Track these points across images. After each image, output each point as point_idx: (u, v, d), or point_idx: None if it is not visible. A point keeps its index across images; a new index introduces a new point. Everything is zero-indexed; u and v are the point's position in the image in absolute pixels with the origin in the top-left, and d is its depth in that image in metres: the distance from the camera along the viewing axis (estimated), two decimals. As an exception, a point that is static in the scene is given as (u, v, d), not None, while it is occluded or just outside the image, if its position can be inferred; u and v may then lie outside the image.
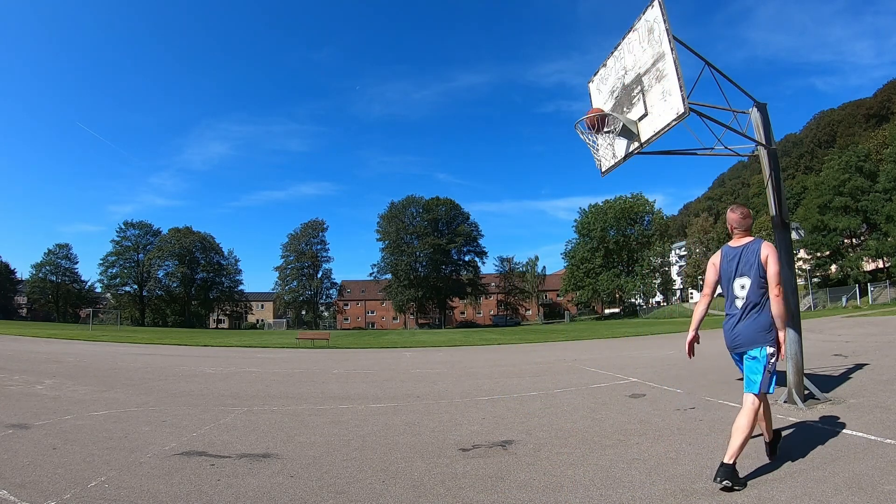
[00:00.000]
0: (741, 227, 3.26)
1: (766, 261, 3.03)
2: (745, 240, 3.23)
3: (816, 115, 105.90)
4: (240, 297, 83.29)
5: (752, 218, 3.40)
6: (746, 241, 3.21)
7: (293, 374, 10.01)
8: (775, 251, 3.08)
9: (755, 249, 3.10)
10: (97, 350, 16.64)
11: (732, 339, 3.14)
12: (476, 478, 3.16)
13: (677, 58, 4.95)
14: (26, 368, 9.97)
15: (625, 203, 66.95)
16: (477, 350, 17.52)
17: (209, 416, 5.29)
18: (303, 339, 23.41)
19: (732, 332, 3.14)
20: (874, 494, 2.55)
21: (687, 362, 9.79)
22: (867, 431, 3.74)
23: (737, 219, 3.27)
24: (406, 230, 74.20)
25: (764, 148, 5.60)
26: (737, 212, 3.29)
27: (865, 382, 5.86)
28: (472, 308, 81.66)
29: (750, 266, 3.09)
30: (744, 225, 3.26)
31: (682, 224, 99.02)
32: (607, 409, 5.29)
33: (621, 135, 6.05)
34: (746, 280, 3.09)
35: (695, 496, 2.69)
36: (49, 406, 5.73)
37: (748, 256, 3.11)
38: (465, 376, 9.12)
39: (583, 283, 67.38)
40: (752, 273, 3.07)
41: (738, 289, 3.14)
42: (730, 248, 3.27)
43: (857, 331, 13.85)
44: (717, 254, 3.36)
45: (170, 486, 3.03)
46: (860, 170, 45.24)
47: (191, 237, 76.94)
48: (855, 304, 36.59)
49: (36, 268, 75.09)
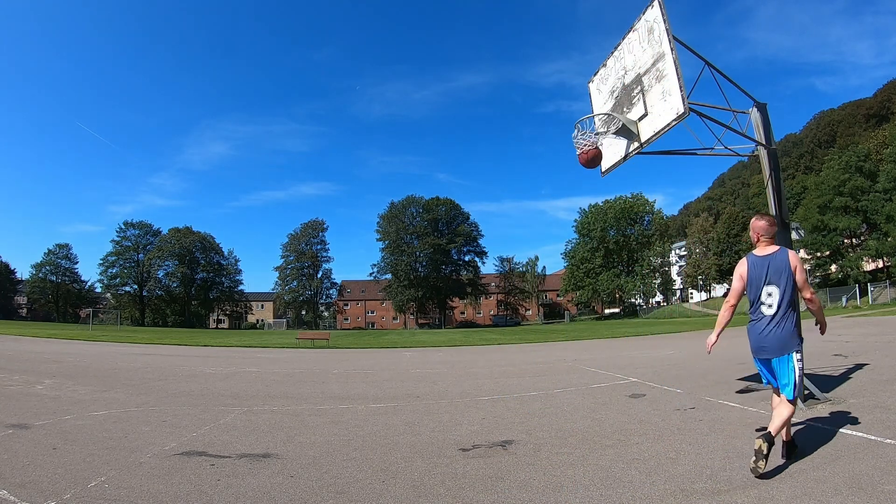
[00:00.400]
0: (768, 234, 3.35)
1: (795, 269, 3.20)
2: (771, 248, 3.32)
3: (816, 115, 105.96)
4: (240, 297, 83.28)
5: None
6: (773, 250, 3.30)
7: (293, 374, 10.01)
8: (799, 259, 3.28)
9: (784, 259, 3.23)
10: (97, 350, 16.64)
11: (759, 344, 3.29)
12: (476, 478, 3.16)
13: (677, 58, 4.95)
14: (26, 368, 9.97)
15: (625, 203, 66.94)
16: (477, 350, 17.51)
17: (209, 416, 5.29)
18: (303, 339, 23.41)
19: (759, 337, 3.28)
20: (874, 494, 2.55)
21: (687, 362, 9.80)
22: (867, 431, 3.74)
23: (765, 226, 3.36)
24: (406, 230, 74.19)
25: (764, 148, 5.60)
26: (764, 220, 3.38)
27: (865, 382, 5.86)
28: (472, 308, 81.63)
29: (780, 275, 3.20)
30: (770, 233, 3.36)
31: (682, 224, 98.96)
32: (607, 409, 5.29)
33: (621, 135, 6.05)
34: (775, 288, 3.21)
35: (695, 496, 2.69)
36: (49, 406, 5.73)
37: (777, 265, 3.23)
38: (465, 376, 9.12)
39: (583, 283, 67.38)
40: (781, 282, 3.19)
41: (765, 296, 3.25)
42: (756, 257, 3.35)
43: (857, 331, 13.84)
44: (743, 263, 3.42)
45: (170, 486, 3.03)
46: (860, 170, 45.23)
47: (191, 237, 76.93)
48: (855, 304, 36.60)
49: (36, 268, 75.15)
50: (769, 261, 3.26)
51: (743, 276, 3.37)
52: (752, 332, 3.33)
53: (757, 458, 2.86)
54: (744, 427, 4.16)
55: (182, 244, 75.08)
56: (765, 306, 3.24)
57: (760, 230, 3.36)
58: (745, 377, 6.89)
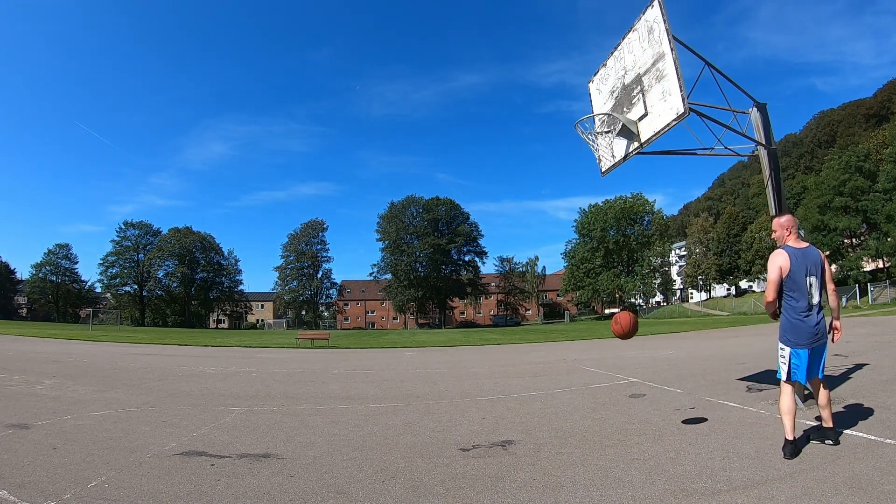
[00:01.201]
0: (797, 227, 3.60)
1: (825, 264, 3.48)
2: (802, 243, 3.51)
3: (816, 115, 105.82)
4: (240, 297, 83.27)
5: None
6: (804, 244, 3.50)
7: (293, 374, 10.01)
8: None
9: (817, 253, 3.47)
10: (97, 350, 16.64)
11: (815, 333, 3.37)
12: (476, 478, 3.16)
13: (677, 58, 4.95)
14: (26, 368, 9.97)
15: (625, 203, 66.91)
16: (477, 350, 17.51)
17: (209, 416, 5.29)
18: (303, 339, 23.41)
19: (816, 327, 3.37)
20: (874, 494, 2.55)
21: (687, 362, 9.80)
22: (867, 431, 3.74)
23: (792, 220, 3.58)
24: (406, 230, 74.18)
25: (764, 148, 5.59)
26: (785, 216, 3.62)
27: (865, 382, 5.86)
28: (472, 308, 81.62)
29: (817, 268, 3.40)
30: (797, 226, 3.62)
31: (682, 224, 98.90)
32: (607, 409, 5.29)
33: (621, 135, 6.05)
34: (815, 279, 3.38)
35: (695, 496, 2.69)
36: (49, 406, 5.73)
37: (813, 258, 3.42)
38: (465, 376, 9.12)
39: (583, 283, 67.36)
40: (818, 274, 3.40)
41: (810, 286, 3.39)
42: (794, 249, 3.46)
43: (857, 331, 13.84)
44: (782, 254, 3.46)
45: (170, 486, 3.03)
46: (860, 170, 45.22)
47: (191, 237, 76.92)
48: (855, 304, 36.58)
49: (36, 268, 75.10)
50: (805, 253, 3.42)
51: (784, 267, 3.41)
52: (807, 323, 3.35)
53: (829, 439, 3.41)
54: (744, 427, 4.16)
55: (182, 244, 75.06)
56: (812, 297, 3.37)
57: (790, 224, 3.54)
58: (744, 377, 6.89)
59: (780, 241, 3.56)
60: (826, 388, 3.49)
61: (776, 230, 3.60)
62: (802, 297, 3.35)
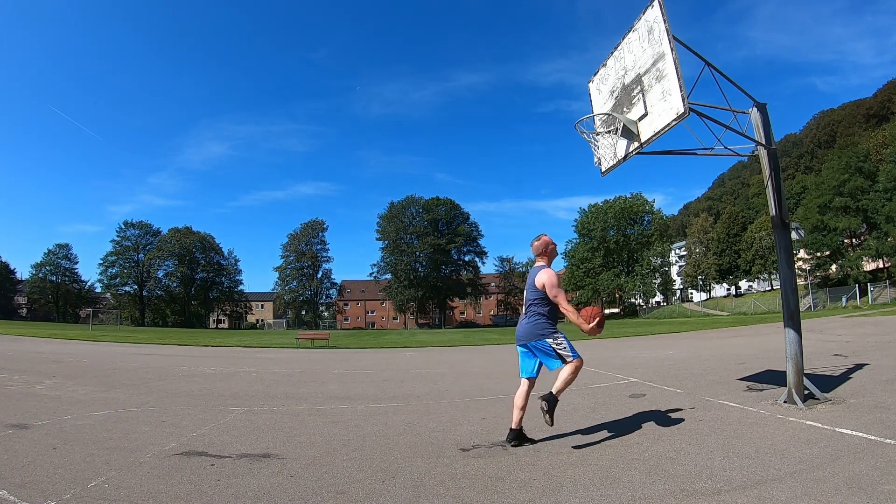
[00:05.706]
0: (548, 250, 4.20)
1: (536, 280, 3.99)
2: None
3: (816, 115, 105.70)
4: (240, 297, 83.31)
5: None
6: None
7: (293, 374, 10.01)
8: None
9: (535, 271, 4.08)
10: (97, 350, 16.64)
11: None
12: (476, 478, 3.16)
13: (677, 58, 4.95)
14: (26, 368, 9.97)
15: (625, 203, 66.96)
16: (477, 350, 17.51)
17: (209, 416, 5.29)
18: (303, 339, 23.42)
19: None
20: (874, 494, 2.55)
21: (687, 362, 9.79)
22: (867, 431, 3.73)
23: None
24: (406, 230, 74.23)
25: (764, 148, 5.59)
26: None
27: (865, 382, 5.86)
28: (472, 308, 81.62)
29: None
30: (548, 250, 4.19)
31: (682, 224, 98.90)
32: (607, 409, 5.29)
33: (621, 135, 6.05)
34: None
35: (695, 496, 2.69)
36: (49, 406, 5.72)
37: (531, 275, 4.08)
38: (465, 376, 9.12)
39: (583, 282, 67.39)
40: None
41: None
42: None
43: (857, 331, 13.84)
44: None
45: (170, 486, 3.03)
46: (860, 170, 45.25)
47: (191, 237, 76.95)
48: (855, 304, 36.59)
49: (36, 268, 75.17)
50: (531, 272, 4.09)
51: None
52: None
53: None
54: (744, 427, 4.16)
55: (182, 244, 75.10)
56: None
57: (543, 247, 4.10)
58: (744, 377, 6.89)
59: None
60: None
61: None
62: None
